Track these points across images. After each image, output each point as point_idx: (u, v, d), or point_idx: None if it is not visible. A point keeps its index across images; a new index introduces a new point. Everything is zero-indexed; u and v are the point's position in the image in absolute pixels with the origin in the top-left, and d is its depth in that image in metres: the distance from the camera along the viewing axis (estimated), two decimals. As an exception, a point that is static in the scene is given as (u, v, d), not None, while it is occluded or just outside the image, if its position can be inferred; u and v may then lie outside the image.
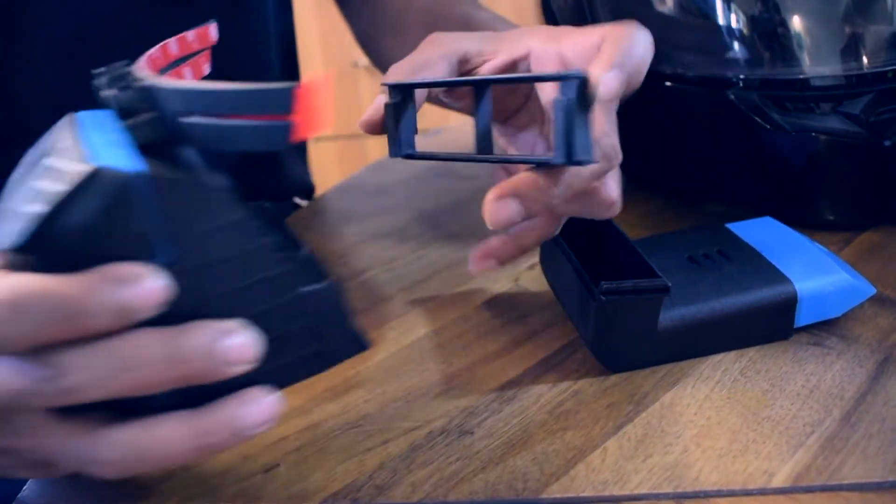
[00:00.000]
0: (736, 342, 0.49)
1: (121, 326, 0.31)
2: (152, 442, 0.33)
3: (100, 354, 0.31)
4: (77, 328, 0.31)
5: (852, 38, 0.58)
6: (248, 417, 0.34)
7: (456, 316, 0.54)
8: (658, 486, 0.40)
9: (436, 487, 0.40)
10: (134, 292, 0.30)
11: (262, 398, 0.34)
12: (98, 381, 0.31)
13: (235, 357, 0.32)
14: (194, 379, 0.32)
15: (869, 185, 0.61)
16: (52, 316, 0.30)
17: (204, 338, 0.32)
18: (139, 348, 0.31)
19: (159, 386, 0.32)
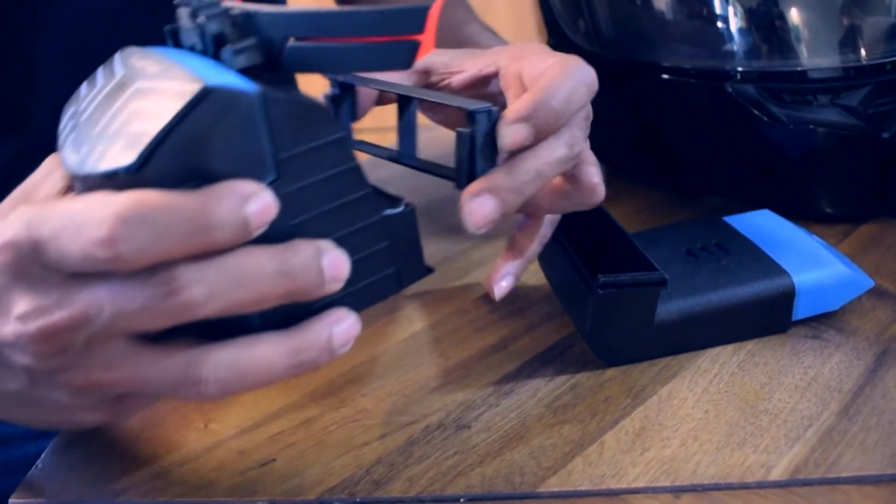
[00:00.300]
0: (734, 335, 0.49)
1: (239, 243, 0.31)
2: (253, 359, 0.33)
3: (216, 269, 0.31)
4: (200, 243, 0.31)
5: (850, 30, 0.58)
6: (337, 335, 0.35)
7: (453, 310, 0.54)
8: (655, 479, 0.40)
9: (433, 482, 0.40)
10: (255, 207, 0.31)
11: (348, 317, 0.35)
12: (213, 297, 0.31)
13: (333, 274, 0.33)
14: (296, 295, 0.33)
15: (867, 178, 0.61)
16: (177, 230, 0.30)
17: (308, 254, 0.33)
18: (253, 263, 0.32)
19: (266, 302, 0.33)
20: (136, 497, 0.40)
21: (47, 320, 0.32)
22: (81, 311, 0.32)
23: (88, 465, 0.42)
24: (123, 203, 0.30)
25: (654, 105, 0.65)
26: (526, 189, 0.42)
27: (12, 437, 0.60)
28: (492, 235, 0.62)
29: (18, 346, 0.33)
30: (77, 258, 0.30)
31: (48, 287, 0.32)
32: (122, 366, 0.33)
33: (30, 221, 0.31)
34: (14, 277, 0.32)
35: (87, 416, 0.37)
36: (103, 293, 0.31)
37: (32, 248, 0.31)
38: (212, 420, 0.45)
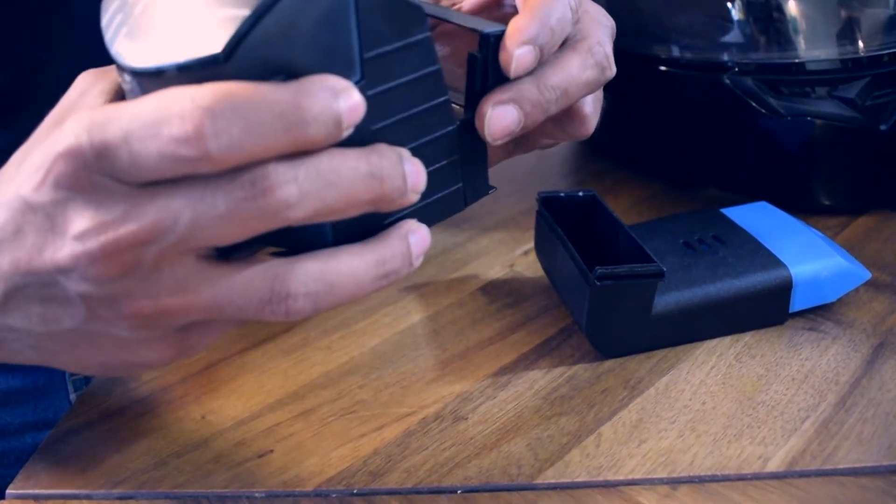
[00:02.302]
0: (731, 327, 0.49)
1: (330, 143, 0.30)
2: (341, 270, 0.32)
3: (308, 168, 0.29)
4: (293, 139, 0.29)
5: (848, 22, 0.58)
6: (415, 245, 0.34)
7: (450, 301, 0.54)
8: (653, 471, 0.40)
9: (430, 473, 0.40)
10: (346, 104, 0.29)
11: (420, 227, 0.34)
12: (305, 198, 0.29)
13: (414, 182, 0.32)
14: (381, 202, 0.32)
15: (864, 170, 0.61)
16: (271, 125, 0.28)
17: (393, 158, 0.32)
18: (345, 163, 0.30)
19: (353, 207, 0.31)
20: (133, 488, 0.40)
21: (112, 236, 0.29)
22: (153, 222, 0.29)
23: (86, 456, 0.42)
24: (211, 94, 0.27)
25: (651, 97, 0.65)
26: (550, 107, 0.41)
27: (9, 429, 0.60)
28: (490, 228, 0.62)
29: (76, 271, 0.30)
30: (153, 162, 0.28)
31: (113, 200, 0.29)
32: (197, 287, 0.31)
33: (91, 125, 0.28)
34: (72, 191, 0.29)
35: (152, 354, 0.34)
36: (179, 201, 0.29)
37: (97, 155, 0.28)
38: (209, 411, 0.45)
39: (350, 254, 0.32)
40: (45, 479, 0.41)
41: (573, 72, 0.41)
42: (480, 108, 0.39)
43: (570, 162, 0.74)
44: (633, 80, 0.65)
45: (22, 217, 0.31)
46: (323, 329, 0.51)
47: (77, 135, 0.28)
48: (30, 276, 0.31)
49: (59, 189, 0.29)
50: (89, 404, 0.46)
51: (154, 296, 0.31)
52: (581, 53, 0.42)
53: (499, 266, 0.58)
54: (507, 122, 0.39)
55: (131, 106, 0.28)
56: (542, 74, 0.40)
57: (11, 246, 0.31)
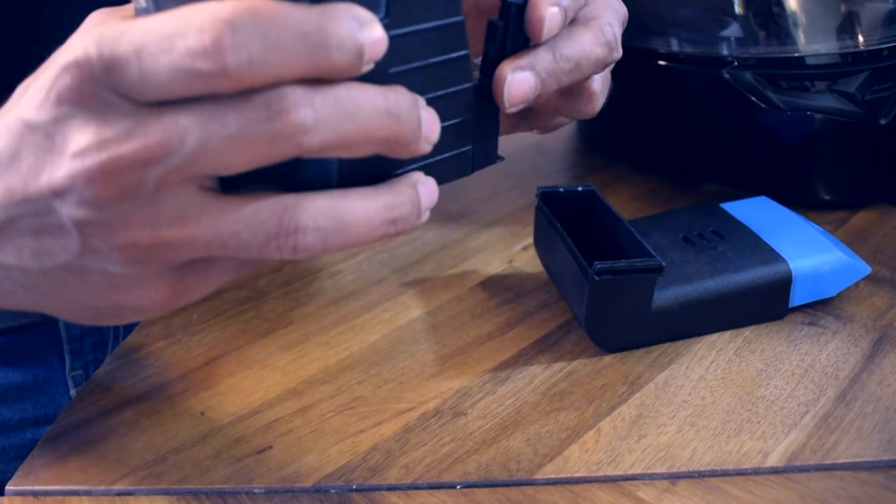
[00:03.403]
0: (730, 322, 0.49)
1: (350, 73, 0.29)
2: (353, 209, 0.31)
3: (326, 95, 0.28)
4: (314, 63, 0.28)
5: (847, 16, 0.58)
6: (424, 194, 0.33)
7: (450, 297, 0.54)
8: (652, 466, 0.40)
9: (429, 469, 0.40)
10: (370, 36, 0.28)
11: (429, 180, 0.34)
12: (320, 125, 0.28)
13: (428, 130, 0.32)
14: (395, 143, 0.31)
15: (864, 164, 0.61)
16: (293, 44, 0.27)
17: (410, 100, 0.31)
18: (363, 96, 0.29)
19: (368, 143, 0.30)
20: (132, 484, 0.40)
21: (113, 153, 0.27)
22: (158, 141, 0.27)
23: (85, 453, 0.42)
24: (231, 7, 0.26)
25: (651, 92, 0.65)
26: (563, 78, 0.41)
27: (8, 425, 0.60)
28: (490, 223, 0.62)
29: (73, 192, 0.29)
30: (166, 76, 0.27)
31: (117, 116, 0.28)
32: (199, 217, 0.29)
33: (101, 39, 0.27)
34: (75, 106, 0.28)
35: (146, 294, 0.32)
36: (188, 119, 0.27)
37: (105, 69, 0.27)
38: (208, 407, 0.45)
39: (361, 195, 0.31)
40: (44, 475, 0.41)
41: (586, 46, 0.41)
42: (499, 73, 0.39)
43: (570, 157, 0.74)
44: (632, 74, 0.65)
45: (20, 139, 0.30)
46: (322, 325, 0.51)
47: (85, 47, 0.27)
48: (24, 205, 0.30)
49: (62, 104, 0.28)
50: (89, 400, 0.46)
51: (153, 225, 0.29)
52: (593, 30, 0.42)
53: (498, 261, 0.57)
54: (525, 88, 0.39)
55: (146, 20, 0.27)
56: (556, 45, 0.40)
57: (6, 172, 0.30)
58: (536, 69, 0.39)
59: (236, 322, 0.51)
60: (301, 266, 0.57)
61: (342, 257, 0.59)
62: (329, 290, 0.55)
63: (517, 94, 0.39)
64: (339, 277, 0.56)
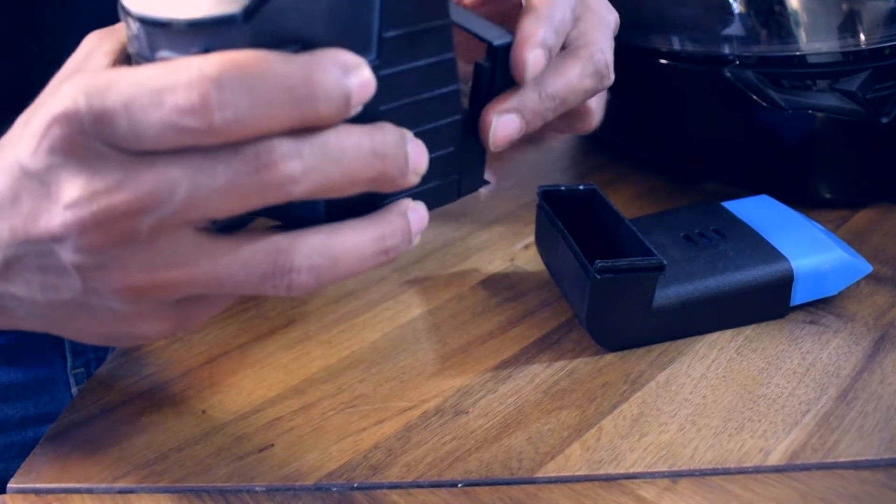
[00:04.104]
0: (732, 321, 0.49)
1: (338, 119, 0.29)
2: (345, 244, 0.32)
3: (313, 144, 0.29)
4: (301, 114, 0.28)
5: (849, 15, 0.58)
6: (414, 221, 0.34)
7: (451, 296, 0.54)
8: (653, 464, 0.40)
9: (431, 467, 0.40)
10: (357, 82, 0.29)
11: (418, 205, 0.34)
12: (308, 173, 0.29)
13: (416, 163, 0.32)
14: (382, 181, 0.31)
15: (866, 163, 0.61)
16: (279, 98, 0.27)
17: (397, 137, 0.31)
18: (349, 139, 0.30)
19: (356, 184, 0.31)
20: (133, 482, 0.40)
21: (104, 204, 0.28)
22: (148, 192, 0.28)
23: (86, 451, 0.42)
24: (218, 63, 0.27)
25: (652, 90, 0.65)
26: (548, 114, 0.41)
27: (10, 423, 0.60)
28: (491, 222, 0.62)
29: (68, 240, 0.29)
30: (154, 131, 0.27)
31: (108, 167, 0.28)
32: (196, 260, 0.30)
33: (90, 90, 0.28)
34: (67, 157, 0.28)
35: (150, 326, 0.33)
36: (177, 171, 0.28)
37: (94, 121, 0.27)
38: (210, 406, 0.45)
39: (352, 228, 0.32)
40: (46, 474, 0.41)
41: (573, 80, 0.41)
42: (485, 116, 0.40)
43: (571, 156, 0.74)
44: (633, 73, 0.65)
45: (19, 183, 0.30)
46: (323, 323, 0.51)
47: (74, 98, 0.28)
48: (27, 245, 0.31)
49: (54, 154, 0.29)
50: (90, 398, 0.46)
51: (149, 268, 0.30)
52: (582, 61, 0.42)
53: (499, 260, 0.57)
54: (510, 130, 0.40)
55: (134, 72, 0.28)
56: (543, 82, 0.41)
57: (9, 213, 0.31)
58: (522, 111, 0.40)
59: (237, 321, 0.51)
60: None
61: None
62: (330, 288, 0.55)
63: (502, 137, 0.40)
64: (340, 276, 0.56)
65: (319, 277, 0.31)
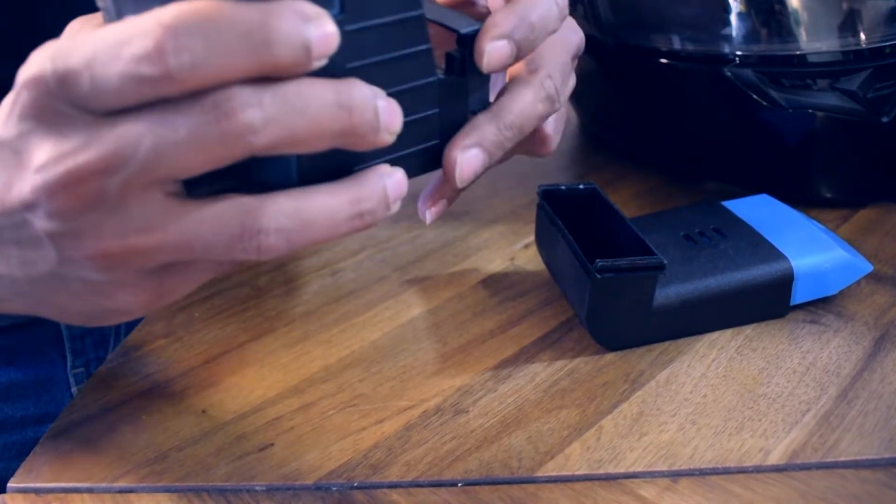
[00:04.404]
0: (732, 320, 0.49)
1: (298, 71, 0.29)
2: (315, 207, 0.31)
3: (274, 93, 0.29)
4: (258, 61, 0.28)
5: (849, 14, 0.58)
6: (391, 187, 0.33)
7: (451, 295, 0.54)
8: (653, 464, 0.40)
9: (430, 466, 0.40)
10: (317, 32, 0.28)
11: (396, 171, 0.34)
12: (270, 123, 0.28)
13: (387, 121, 0.31)
14: (352, 136, 0.31)
15: (866, 162, 0.61)
16: (235, 43, 0.27)
17: (366, 92, 0.31)
18: (312, 90, 0.29)
19: (322, 138, 0.30)
20: (133, 482, 0.40)
21: (71, 165, 0.28)
22: (113, 149, 0.28)
23: (86, 450, 0.42)
24: (173, 11, 0.27)
25: (652, 89, 0.65)
26: (508, 144, 0.41)
27: (10, 422, 0.60)
28: (491, 221, 0.62)
29: (40, 206, 0.29)
30: (115, 84, 0.27)
31: (75, 129, 0.28)
32: (165, 224, 0.30)
33: (55, 53, 0.28)
34: (36, 121, 0.29)
35: (128, 298, 0.33)
36: (140, 126, 0.28)
37: (59, 82, 0.28)
38: (210, 405, 0.45)
39: (324, 191, 0.32)
40: (46, 473, 0.41)
41: (527, 107, 0.41)
42: (449, 154, 0.40)
43: (571, 155, 0.74)
44: (633, 72, 0.65)
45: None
46: (323, 323, 0.51)
47: (41, 63, 0.28)
48: (4, 218, 0.31)
49: (24, 120, 0.29)
50: (90, 398, 0.46)
51: (121, 234, 0.30)
52: (534, 87, 0.42)
53: (499, 259, 0.57)
54: (474, 166, 0.40)
55: (96, 32, 0.28)
56: (499, 113, 0.41)
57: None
58: (483, 145, 0.40)
59: (237, 320, 0.51)
60: (302, 264, 0.57)
61: (343, 255, 0.59)
62: (330, 288, 0.55)
63: (468, 172, 0.40)
64: (340, 276, 0.56)
65: (290, 240, 0.31)
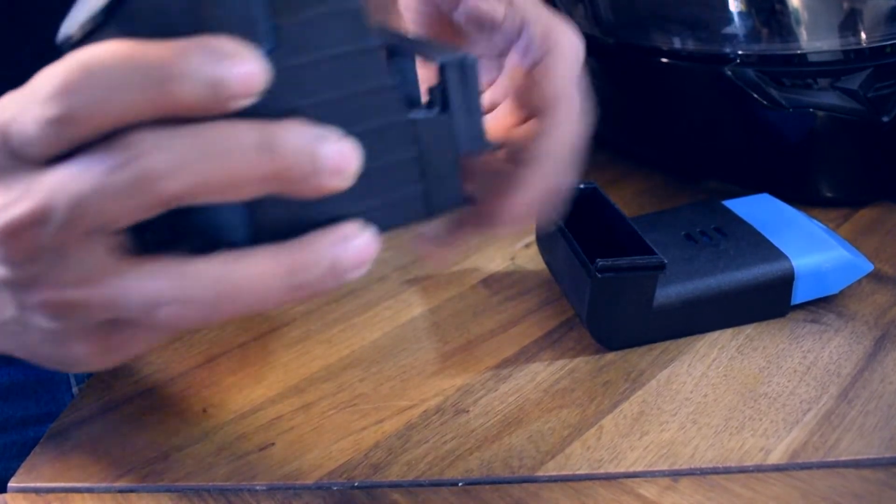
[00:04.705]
0: (733, 319, 0.49)
1: (211, 109, 0.27)
2: (245, 275, 0.28)
3: (183, 135, 0.27)
4: (161, 100, 0.26)
5: (850, 13, 0.58)
6: (346, 253, 0.29)
7: (451, 295, 0.54)
8: (654, 463, 0.40)
9: (431, 466, 0.40)
10: (231, 69, 0.26)
11: (360, 233, 0.30)
12: (178, 169, 0.26)
13: (335, 164, 0.28)
14: (286, 182, 0.28)
15: (867, 162, 0.61)
16: (135, 80, 0.26)
17: (302, 135, 0.28)
18: (228, 132, 0.27)
19: (245, 185, 0.28)
20: (134, 482, 0.40)
21: (9, 215, 0.28)
22: (41, 200, 0.27)
23: (87, 450, 0.42)
24: (79, 54, 0.26)
25: (653, 89, 0.65)
26: None
27: (11, 422, 0.60)
28: (490, 220, 0.62)
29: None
30: (32, 130, 0.27)
31: (17, 179, 0.28)
32: (99, 279, 0.29)
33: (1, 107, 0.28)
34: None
35: (78, 349, 0.32)
36: (63, 175, 0.27)
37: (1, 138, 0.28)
38: (210, 405, 0.45)
39: (261, 255, 0.29)
40: (46, 473, 0.41)
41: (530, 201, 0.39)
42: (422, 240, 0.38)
43: (572, 154, 0.73)
44: (634, 72, 0.65)
45: None
46: (324, 322, 0.51)
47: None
48: None
49: None
50: (91, 398, 0.46)
51: (60, 284, 0.29)
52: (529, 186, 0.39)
53: (500, 259, 0.57)
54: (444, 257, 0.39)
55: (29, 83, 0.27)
56: None
57: None
58: None
59: (237, 320, 0.51)
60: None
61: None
62: (331, 287, 0.55)
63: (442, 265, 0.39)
64: (340, 275, 0.56)
65: (215, 309, 0.29)
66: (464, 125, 0.35)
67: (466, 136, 0.34)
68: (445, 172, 0.34)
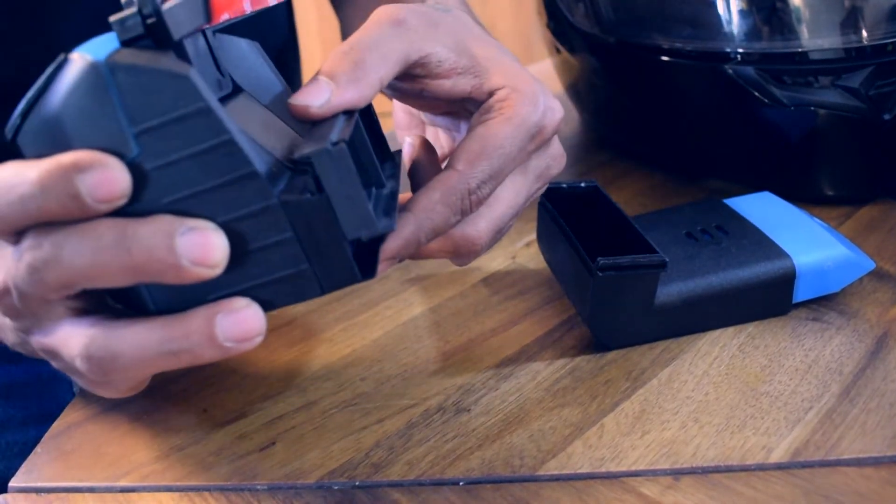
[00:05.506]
0: (734, 318, 0.49)
1: (80, 215, 0.31)
2: (125, 341, 0.32)
3: (56, 235, 0.31)
4: (34, 213, 0.31)
5: (851, 11, 0.58)
6: (224, 326, 0.32)
7: (452, 293, 0.54)
8: (655, 462, 0.40)
9: (432, 465, 0.40)
10: (90, 180, 0.30)
11: (242, 308, 0.32)
12: (53, 263, 0.31)
13: (196, 255, 0.31)
14: (151, 273, 0.31)
15: (868, 160, 0.61)
16: (13, 199, 0.31)
17: (162, 229, 0.31)
18: (91, 232, 0.31)
19: (112, 275, 0.31)
20: (135, 481, 0.40)
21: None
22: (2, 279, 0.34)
23: (88, 450, 0.42)
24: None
25: (654, 87, 0.65)
26: None
27: (12, 422, 0.60)
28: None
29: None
30: None
31: None
32: (55, 333, 0.34)
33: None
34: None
35: (79, 380, 0.36)
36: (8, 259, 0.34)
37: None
38: (211, 405, 0.45)
39: (142, 325, 0.33)
40: (47, 472, 0.41)
41: None
42: None
43: (573, 153, 0.74)
44: (635, 70, 0.65)
45: None
46: (325, 321, 0.51)
47: None
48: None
49: None
50: (92, 397, 0.46)
51: (39, 334, 0.35)
52: None
53: (501, 257, 0.57)
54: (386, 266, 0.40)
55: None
56: None
57: None
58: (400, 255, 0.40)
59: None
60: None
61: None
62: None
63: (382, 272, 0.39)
64: (341, 274, 0.56)
65: (102, 370, 0.33)
66: (347, 210, 0.34)
67: (352, 220, 0.34)
68: (334, 253, 0.34)
